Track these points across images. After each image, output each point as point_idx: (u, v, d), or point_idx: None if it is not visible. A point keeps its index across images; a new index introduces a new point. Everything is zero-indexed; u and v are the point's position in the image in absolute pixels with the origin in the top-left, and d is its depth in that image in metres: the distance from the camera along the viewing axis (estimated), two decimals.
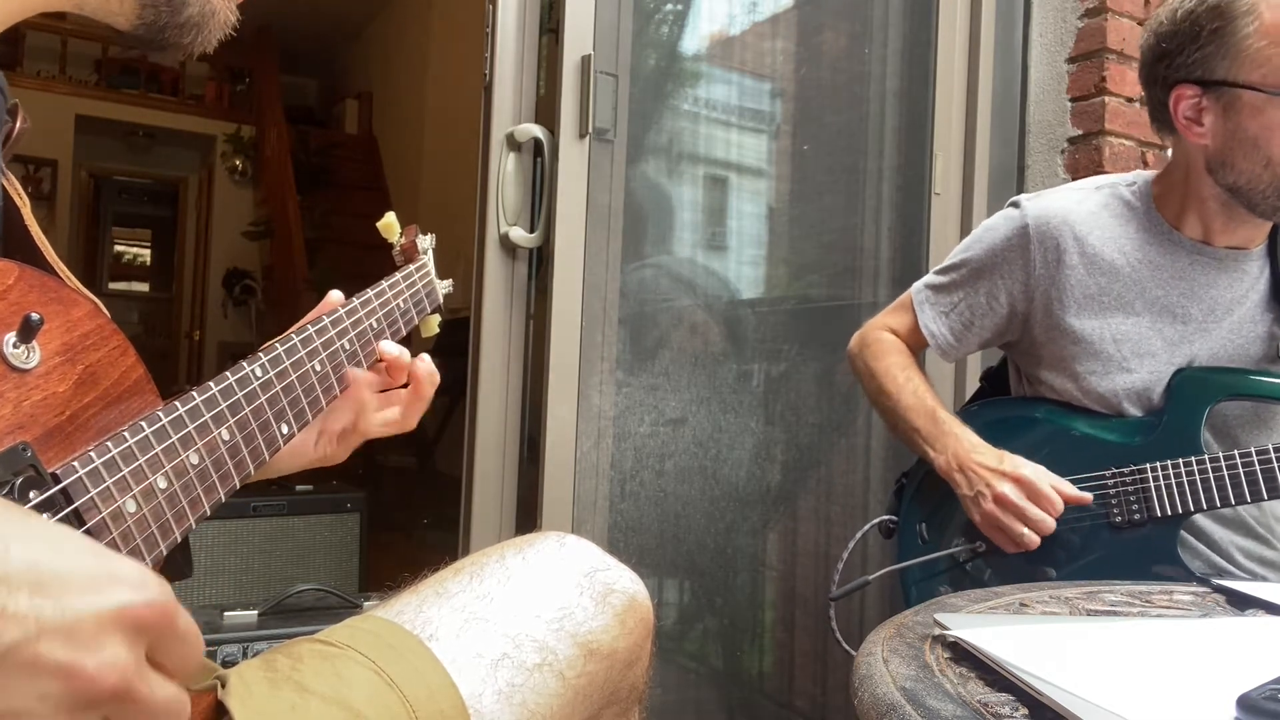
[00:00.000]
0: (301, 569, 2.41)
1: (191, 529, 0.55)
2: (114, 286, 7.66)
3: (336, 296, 0.83)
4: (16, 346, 0.47)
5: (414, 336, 0.90)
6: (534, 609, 0.74)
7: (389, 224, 0.95)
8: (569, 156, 1.48)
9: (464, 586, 0.75)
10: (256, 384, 0.64)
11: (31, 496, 0.45)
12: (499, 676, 0.69)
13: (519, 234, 1.49)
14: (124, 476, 0.50)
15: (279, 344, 0.69)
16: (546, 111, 1.51)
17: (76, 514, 0.46)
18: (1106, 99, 1.87)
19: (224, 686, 0.61)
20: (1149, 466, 1.15)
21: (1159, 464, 1.14)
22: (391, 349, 0.82)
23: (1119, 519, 1.16)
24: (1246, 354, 1.21)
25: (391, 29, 6.12)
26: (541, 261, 1.51)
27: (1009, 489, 1.15)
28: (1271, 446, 1.10)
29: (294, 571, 2.39)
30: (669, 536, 1.68)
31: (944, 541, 1.26)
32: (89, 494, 0.47)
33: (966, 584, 1.23)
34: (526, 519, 1.49)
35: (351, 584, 2.48)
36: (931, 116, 1.95)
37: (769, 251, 1.93)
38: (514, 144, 1.49)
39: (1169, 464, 1.13)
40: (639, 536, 1.63)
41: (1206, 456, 1.12)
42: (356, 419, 0.81)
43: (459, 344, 1.54)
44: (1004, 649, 0.63)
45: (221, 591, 2.29)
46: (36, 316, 0.46)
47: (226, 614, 1.46)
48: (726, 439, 1.73)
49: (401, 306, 0.87)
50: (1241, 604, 0.87)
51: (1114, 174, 1.32)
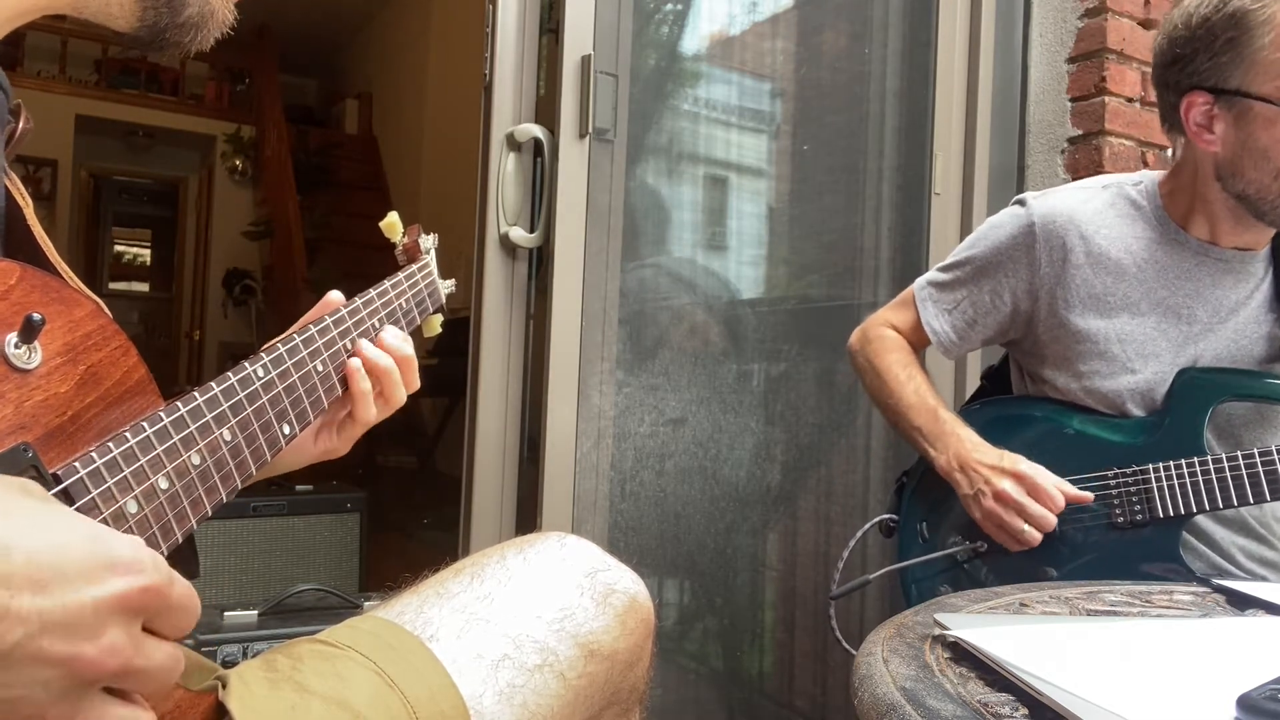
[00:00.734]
0: (301, 569, 2.41)
1: (193, 529, 0.55)
2: (114, 286, 7.66)
3: (335, 296, 0.82)
4: (18, 347, 0.47)
5: (416, 336, 0.90)
6: (535, 609, 0.74)
7: (392, 223, 0.94)
8: (569, 156, 1.48)
9: (464, 587, 0.75)
10: (258, 384, 0.64)
11: None
12: (500, 677, 0.69)
13: (519, 234, 1.49)
14: (125, 477, 0.50)
15: (280, 343, 0.69)
16: (546, 111, 1.51)
17: None
18: (1106, 99, 1.87)
19: (224, 687, 0.61)
20: (1151, 467, 1.15)
21: (1161, 464, 1.14)
22: (383, 345, 0.81)
23: (1121, 519, 1.16)
24: (1250, 355, 1.21)
25: (391, 29, 6.12)
26: (541, 261, 1.51)
27: (1009, 485, 1.15)
28: (1274, 447, 1.10)
29: (294, 571, 2.39)
30: (669, 536, 1.68)
31: (944, 541, 1.26)
32: (90, 494, 0.47)
33: (967, 583, 1.23)
34: (526, 519, 1.49)
35: (351, 584, 2.48)
36: (931, 116, 1.95)
37: (769, 251, 1.92)
38: (514, 144, 1.49)
39: (1171, 464, 1.13)
40: (639, 536, 1.63)
41: (1209, 457, 1.12)
42: (355, 409, 0.79)
43: (459, 344, 1.54)
44: (1004, 649, 0.63)
45: (221, 591, 2.29)
46: (38, 317, 0.46)
47: (226, 614, 1.46)
48: (726, 439, 1.73)
49: (404, 306, 0.87)
50: (1241, 604, 0.87)
51: (1119, 173, 1.32)
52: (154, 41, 0.65)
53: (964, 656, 0.66)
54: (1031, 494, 1.14)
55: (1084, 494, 1.15)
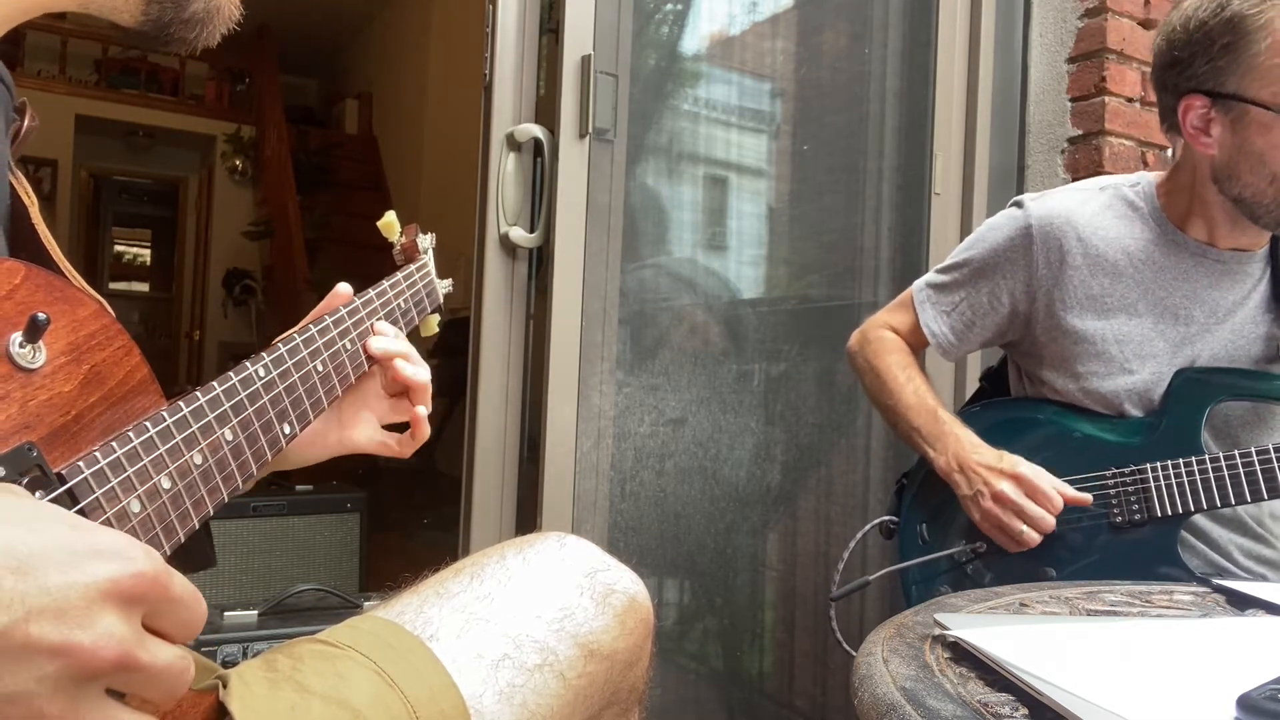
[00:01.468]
0: (301, 569, 2.41)
1: (195, 529, 0.56)
2: (114, 286, 7.67)
3: (344, 289, 0.82)
4: (23, 346, 0.47)
5: (414, 336, 0.90)
6: (534, 609, 0.74)
7: (389, 223, 0.95)
8: (569, 156, 1.48)
9: (464, 587, 0.75)
10: (259, 384, 0.64)
11: (37, 496, 0.45)
12: (500, 677, 0.69)
13: (519, 234, 1.49)
14: (129, 476, 0.50)
15: (281, 343, 0.69)
16: (546, 111, 1.51)
17: (82, 514, 0.46)
18: (1106, 99, 1.87)
19: (224, 687, 0.61)
20: (1149, 466, 1.15)
21: (1159, 464, 1.14)
22: (380, 345, 0.82)
23: (1119, 519, 1.16)
24: (1247, 355, 1.21)
25: (391, 29, 6.12)
26: (541, 261, 1.51)
27: (1008, 486, 1.15)
28: (1272, 446, 1.10)
29: (294, 571, 2.39)
30: (669, 536, 1.68)
31: (944, 542, 1.27)
32: (94, 494, 0.47)
33: (967, 584, 1.23)
34: (526, 519, 1.49)
35: (351, 584, 2.48)
36: (931, 116, 1.96)
37: (769, 251, 1.93)
38: (514, 144, 1.49)
39: (1169, 464, 1.14)
40: (639, 536, 1.63)
41: (1207, 457, 1.12)
42: (415, 430, 0.85)
43: (459, 344, 1.54)
44: (1004, 649, 0.63)
45: (221, 591, 2.29)
46: (43, 316, 0.46)
47: (226, 614, 1.46)
48: (726, 439, 1.73)
49: (402, 306, 0.88)
50: (1241, 604, 0.87)
51: (1117, 175, 1.32)
52: (159, 37, 0.64)
53: (964, 656, 0.66)
54: (1030, 495, 1.15)
55: (1083, 495, 1.16)
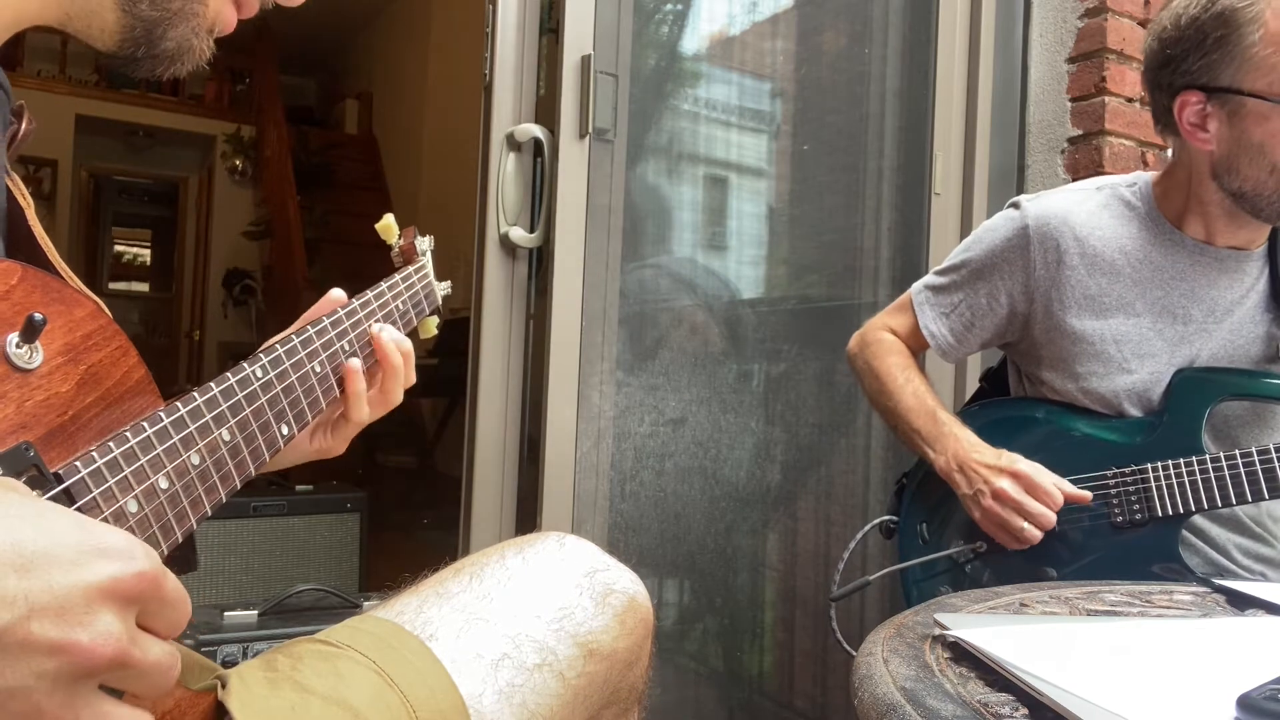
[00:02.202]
0: (301, 569, 2.41)
1: (193, 529, 0.56)
2: (114, 286, 7.66)
3: (338, 294, 0.82)
4: (20, 346, 0.47)
5: (413, 338, 0.90)
6: (534, 609, 0.74)
7: (387, 225, 0.95)
8: (569, 156, 1.48)
9: (464, 587, 0.75)
10: (257, 384, 0.64)
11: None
12: (499, 677, 0.69)
13: (519, 234, 1.49)
14: (126, 477, 0.50)
15: (279, 345, 0.69)
16: (546, 111, 1.51)
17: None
18: (1106, 99, 1.87)
19: (224, 686, 0.61)
20: (1150, 466, 1.15)
21: (1160, 464, 1.14)
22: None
23: (1120, 519, 1.16)
24: (1246, 354, 1.21)
25: (391, 29, 6.13)
26: (541, 261, 1.51)
27: (1007, 484, 1.15)
28: (1272, 446, 1.10)
29: (294, 571, 2.39)
30: (669, 536, 1.68)
31: (945, 542, 1.27)
32: (91, 494, 0.47)
33: (967, 584, 1.23)
34: (526, 519, 1.49)
35: (351, 584, 2.48)
36: (931, 116, 1.95)
37: (769, 251, 1.93)
38: (514, 144, 1.49)
39: (1170, 464, 1.14)
40: (639, 536, 1.63)
41: (1208, 456, 1.12)
42: (348, 409, 0.79)
43: (459, 344, 1.54)
44: (1004, 649, 0.63)
45: (221, 591, 2.29)
46: (40, 317, 0.46)
47: (226, 614, 1.46)
48: (726, 439, 1.73)
49: (400, 308, 0.87)
50: (1241, 604, 0.87)
51: (1114, 175, 1.32)
52: (128, 65, 0.68)
53: (964, 656, 0.66)
54: (1030, 492, 1.15)
55: (1083, 493, 1.16)
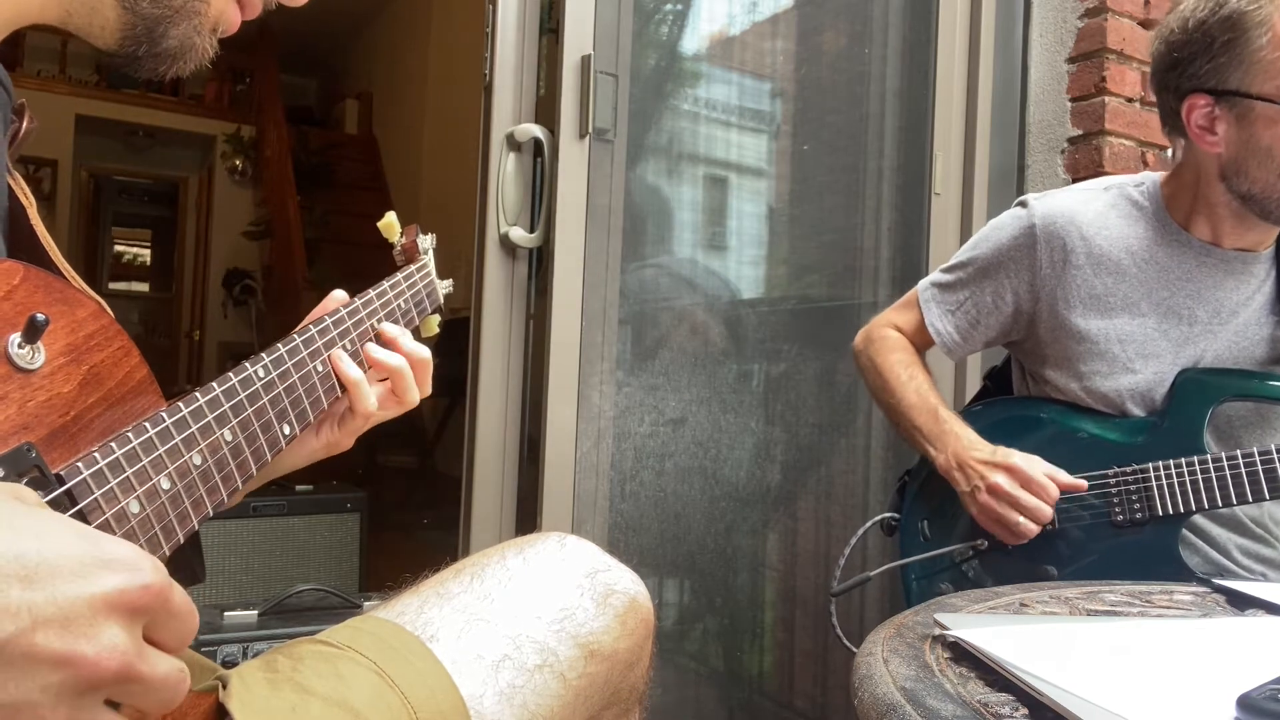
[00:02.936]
0: (301, 569, 2.41)
1: (194, 530, 0.56)
2: (114, 286, 7.66)
3: (339, 295, 0.82)
4: (22, 347, 0.47)
5: (415, 336, 0.90)
6: (535, 610, 0.74)
7: (389, 224, 0.95)
8: (569, 156, 1.48)
9: (465, 587, 0.75)
10: (259, 384, 0.64)
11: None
12: (500, 677, 0.69)
13: (519, 234, 1.49)
14: (128, 477, 0.50)
15: (281, 344, 0.69)
16: (546, 111, 1.51)
17: (81, 515, 0.47)
18: (1106, 99, 1.87)
19: (224, 687, 0.61)
20: (1151, 466, 1.15)
21: (1161, 463, 1.14)
22: (399, 348, 0.81)
23: (1121, 518, 1.16)
24: (1251, 356, 1.21)
25: (391, 29, 6.12)
26: (541, 261, 1.51)
27: (1001, 478, 1.15)
28: (1273, 447, 1.10)
29: (294, 571, 2.39)
30: (669, 536, 1.68)
31: (946, 539, 1.27)
32: (93, 495, 0.47)
33: (967, 582, 1.23)
34: (526, 519, 1.49)
35: (351, 584, 2.48)
36: (931, 116, 1.95)
37: (769, 251, 1.93)
38: (514, 144, 1.49)
39: (1171, 463, 1.14)
40: (639, 536, 1.63)
41: (1209, 456, 1.12)
42: (354, 400, 0.78)
43: (459, 344, 1.54)
44: (1004, 649, 0.63)
45: (221, 591, 2.29)
46: (42, 317, 0.46)
47: (226, 614, 1.46)
48: (726, 439, 1.73)
49: (402, 306, 0.87)
50: (1241, 604, 0.87)
51: (1121, 175, 1.32)
52: (130, 64, 0.67)
53: (964, 656, 0.66)
54: (1024, 486, 1.15)
55: (1078, 481, 1.15)
